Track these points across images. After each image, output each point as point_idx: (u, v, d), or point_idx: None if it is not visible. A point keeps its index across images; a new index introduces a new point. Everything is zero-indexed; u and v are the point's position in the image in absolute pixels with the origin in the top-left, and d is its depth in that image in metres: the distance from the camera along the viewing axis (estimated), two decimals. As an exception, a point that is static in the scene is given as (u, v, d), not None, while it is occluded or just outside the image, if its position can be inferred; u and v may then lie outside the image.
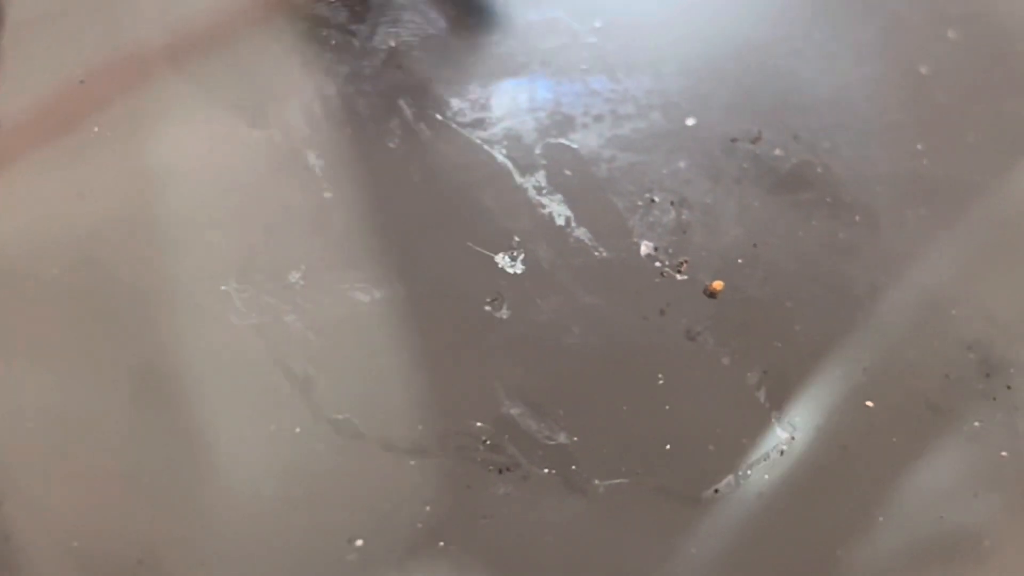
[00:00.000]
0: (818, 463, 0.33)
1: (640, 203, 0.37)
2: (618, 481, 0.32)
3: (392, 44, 0.40)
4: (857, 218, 0.38)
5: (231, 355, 0.33)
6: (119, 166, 0.36)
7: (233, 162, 0.36)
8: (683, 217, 0.37)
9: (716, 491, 0.32)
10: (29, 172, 0.36)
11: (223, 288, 0.34)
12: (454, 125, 0.38)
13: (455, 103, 0.39)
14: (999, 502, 0.33)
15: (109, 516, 0.31)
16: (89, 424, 0.32)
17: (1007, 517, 0.33)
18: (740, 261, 0.36)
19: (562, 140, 0.38)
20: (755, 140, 0.39)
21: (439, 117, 0.38)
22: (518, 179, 0.37)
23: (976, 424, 0.34)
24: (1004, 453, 0.34)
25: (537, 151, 0.38)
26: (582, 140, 0.38)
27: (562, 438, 0.33)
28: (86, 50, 0.38)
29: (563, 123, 0.39)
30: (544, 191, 0.37)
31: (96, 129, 0.36)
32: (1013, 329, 0.36)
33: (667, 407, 0.33)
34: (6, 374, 0.33)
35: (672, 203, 0.37)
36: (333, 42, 0.39)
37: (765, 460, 0.33)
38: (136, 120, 0.37)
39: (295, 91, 0.38)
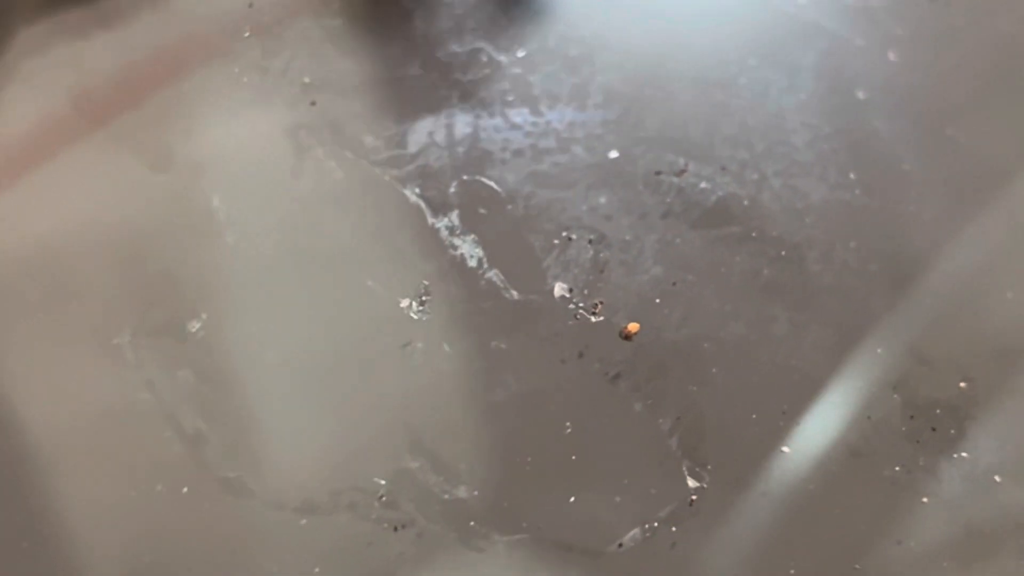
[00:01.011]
0: (730, 512, 0.32)
1: (556, 242, 0.36)
2: (518, 537, 0.31)
3: (306, 80, 0.39)
4: (783, 253, 0.37)
5: (119, 412, 0.32)
6: (23, 210, 0.36)
7: (135, 206, 0.36)
8: (600, 256, 0.36)
9: (620, 545, 0.31)
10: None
11: (115, 341, 0.33)
12: (366, 163, 0.37)
13: (369, 140, 0.38)
14: (920, 550, 0.32)
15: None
16: None
17: (929, 564, 0.32)
18: (658, 301, 0.36)
19: (479, 177, 0.37)
20: (680, 173, 0.38)
21: (350, 155, 0.37)
22: (430, 219, 0.36)
23: (897, 469, 0.33)
24: (925, 499, 0.33)
25: (452, 189, 0.37)
26: (499, 176, 0.38)
27: (462, 492, 0.32)
28: None
29: (481, 159, 0.38)
30: (457, 231, 0.36)
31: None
32: (941, 368, 0.35)
33: (574, 457, 0.33)
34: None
35: (590, 241, 0.36)
36: (245, 79, 0.39)
37: (673, 511, 0.32)
38: (35, 165, 0.36)
39: (200, 132, 0.37)
